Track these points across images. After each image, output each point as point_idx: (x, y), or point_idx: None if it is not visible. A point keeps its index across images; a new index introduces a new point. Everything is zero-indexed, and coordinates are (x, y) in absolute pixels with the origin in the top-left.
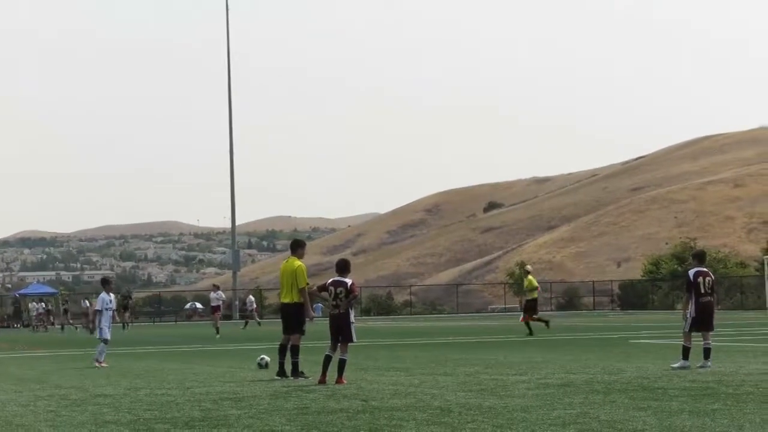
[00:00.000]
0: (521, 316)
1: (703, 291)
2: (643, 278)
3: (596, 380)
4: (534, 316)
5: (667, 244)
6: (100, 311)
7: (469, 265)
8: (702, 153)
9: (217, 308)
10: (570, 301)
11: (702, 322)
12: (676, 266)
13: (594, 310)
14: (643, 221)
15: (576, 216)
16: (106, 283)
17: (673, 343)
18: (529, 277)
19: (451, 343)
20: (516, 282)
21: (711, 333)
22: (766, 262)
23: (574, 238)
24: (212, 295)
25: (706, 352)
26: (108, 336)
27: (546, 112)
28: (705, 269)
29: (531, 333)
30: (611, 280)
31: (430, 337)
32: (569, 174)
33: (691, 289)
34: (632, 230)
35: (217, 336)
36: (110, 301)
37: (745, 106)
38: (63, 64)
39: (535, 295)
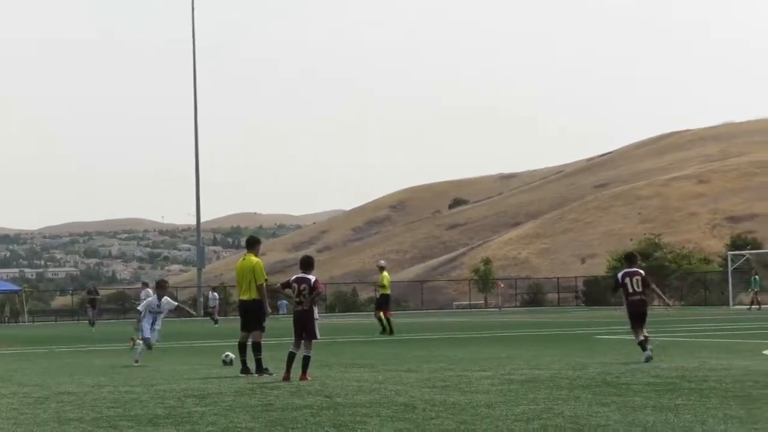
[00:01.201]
0: (375, 313)
1: (631, 290)
2: (608, 274)
3: (560, 376)
4: (382, 312)
5: (631, 240)
6: (142, 312)
7: (434, 262)
8: (667, 149)
9: None
10: (534, 297)
11: (636, 319)
12: (639, 262)
13: (558, 306)
14: (607, 217)
15: (541, 212)
16: (160, 287)
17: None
18: (384, 273)
19: (416, 340)
20: (481, 279)
21: (644, 325)
22: (729, 258)
23: (539, 235)
24: (142, 293)
25: (644, 341)
26: (148, 335)
27: (511, 109)
28: (634, 269)
29: (391, 330)
30: (576, 277)
31: (395, 333)
32: (534, 171)
33: (618, 289)
34: (597, 227)
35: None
36: (157, 305)
37: (709, 103)
38: (24, 62)
39: (388, 291)
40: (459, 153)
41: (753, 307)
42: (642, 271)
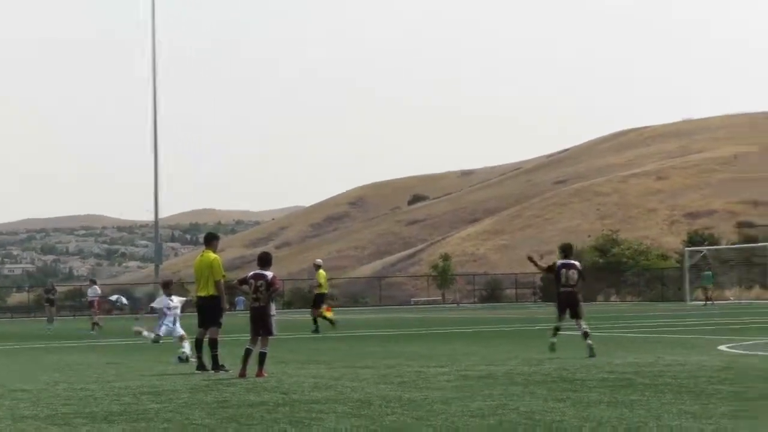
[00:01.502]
0: (312, 311)
1: (564, 281)
2: None
3: (516, 372)
4: (320, 310)
5: (589, 236)
6: (166, 310)
7: (392, 258)
8: (626, 146)
9: (92, 303)
10: (492, 293)
11: (564, 310)
12: (597, 258)
13: (516, 302)
14: (566, 214)
15: (500, 209)
16: (167, 286)
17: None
18: (320, 271)
19: (373, 336)
20: (439, 275)
21: (583, 320)
22: (686, 254)
23: (498, 231)
24: (89, 290)
25: (584, 335)
26: (160, 333)
27: (471, 105)
28: (571, 262)
29: (333, 323)
30: (534, 273)
31: (352, 330)
32: (493, 167)
33: (550, 271)
34: (555, 223)
35: (93, 332)
36: (171, 302)
37: (669, 99)
38: None
39: (324, 290)
40: (419, 150)
41: (708, 303)
42: (578, 264)
